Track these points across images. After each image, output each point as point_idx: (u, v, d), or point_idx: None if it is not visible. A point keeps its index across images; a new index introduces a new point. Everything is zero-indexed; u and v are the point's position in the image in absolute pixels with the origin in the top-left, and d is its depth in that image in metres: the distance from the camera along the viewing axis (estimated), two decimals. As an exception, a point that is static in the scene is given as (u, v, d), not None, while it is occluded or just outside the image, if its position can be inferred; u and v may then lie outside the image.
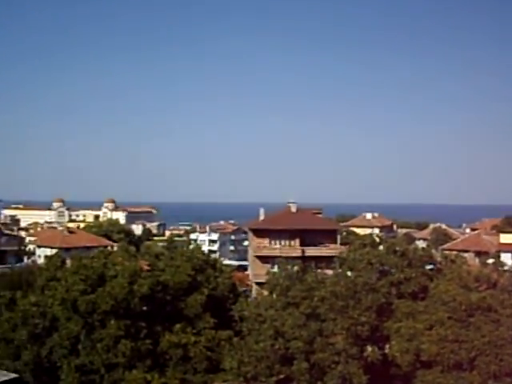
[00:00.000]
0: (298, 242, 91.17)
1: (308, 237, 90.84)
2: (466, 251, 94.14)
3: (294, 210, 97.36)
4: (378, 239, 54.54)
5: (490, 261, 55.05)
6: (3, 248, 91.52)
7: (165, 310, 50.83)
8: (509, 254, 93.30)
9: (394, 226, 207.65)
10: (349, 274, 47.61)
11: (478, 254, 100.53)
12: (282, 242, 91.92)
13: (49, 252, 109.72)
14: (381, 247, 51.68)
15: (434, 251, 55.67)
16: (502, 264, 50.72)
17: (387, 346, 44.68)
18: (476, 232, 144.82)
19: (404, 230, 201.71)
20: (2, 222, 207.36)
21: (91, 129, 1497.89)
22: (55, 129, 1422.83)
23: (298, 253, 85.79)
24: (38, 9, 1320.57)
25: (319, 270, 52.03)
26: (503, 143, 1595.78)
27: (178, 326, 49.32)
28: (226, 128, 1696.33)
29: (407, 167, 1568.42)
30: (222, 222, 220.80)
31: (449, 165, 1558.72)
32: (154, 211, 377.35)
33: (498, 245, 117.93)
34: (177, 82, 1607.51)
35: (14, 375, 33.26)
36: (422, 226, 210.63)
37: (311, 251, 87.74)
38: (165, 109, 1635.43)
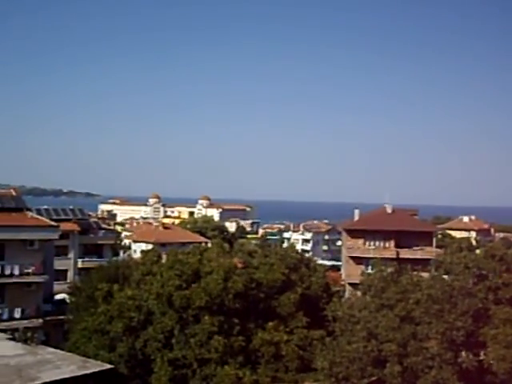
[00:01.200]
0: (392, 243, 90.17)
1: (403, 238, 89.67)
2: None
3: (389, 210, 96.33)
4: (475, 243, 53.44)
5: None
6: (100, 242, 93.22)
7: (258, 308, 51.04)
8: None
9: (492, 230, 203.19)
10: (445, 277, 46.81)
11: None
12: (377, 243, 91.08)
13: (144, 247, 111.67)
14: (478, 251, 50.69)
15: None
16: None
17: (483, 353, 43.73)
18: None
19: (502, 234, 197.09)
20: (99, 216, 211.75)
21: (190, 128, 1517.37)
22: (155, 128, 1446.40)
23: (392, 254, 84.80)
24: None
25: (414, 273, 51.31)
26: None
27: (270, 323, 49.46)
28: (320, 127, 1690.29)
29: (506, 167, 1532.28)
30: (315, 222, 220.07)
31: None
32: (248, 209, 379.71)
33: None
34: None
35: (108, 366, 34.09)
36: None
37: (406, 253, 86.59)
38: (261, 105, 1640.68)
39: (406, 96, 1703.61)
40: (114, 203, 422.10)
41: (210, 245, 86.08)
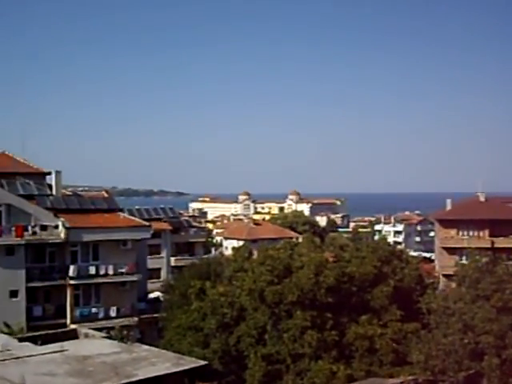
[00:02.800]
0: (487, 232, 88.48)
1: (498, 227, 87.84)
2: None
3: (482, 199, 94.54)
4: None
5: None
6: (192, 240, 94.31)
7: (350, 302, 50.61)
8: None
9: None
10: (543, 266, 45.52)
11: None
12: (470, 233, 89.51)
13: (235, 243, 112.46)
14: None
15: None
16: None
17: None
18: None
19: None
20: (190, 214, 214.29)
21: (276, 124, 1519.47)
22: (241, 125, 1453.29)
23: (487, 244, 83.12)
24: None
25: (510, 262, 50.03)
26: None
27: (363, 317, 48.97)
28: (404, 117, 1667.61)
29: None
30: (406, 213, 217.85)
31: None
32: (338, 202, 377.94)
33: None
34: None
35: (203, 362, 34.31)
36: None
37: (502, 242, 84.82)
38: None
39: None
40: (204, 201, 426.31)
41: (300, 240, 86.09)
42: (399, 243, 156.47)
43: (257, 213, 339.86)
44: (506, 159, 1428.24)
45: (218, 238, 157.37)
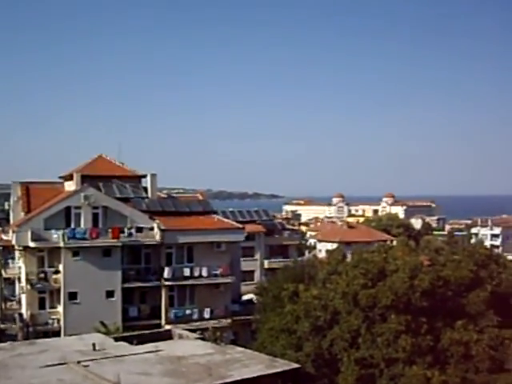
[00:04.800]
0: None
1: None
2: None
3: None
4: None
5: None
6: (286, 242, 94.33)
7: (446, 306, 49.83)
8: None
9: None
10: None
11: None
12: None
13: (329, 246, 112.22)
14: None
15: None
16: None
17: None
18: None
19: None
20: (283, 217, 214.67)
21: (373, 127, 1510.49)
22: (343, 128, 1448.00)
23: None
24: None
25: None
26: None
27: (459, 322, 48.14)
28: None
29: None
30: (504, 216, 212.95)
31: None
32: (433, 205, 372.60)
33: None
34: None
35: (296, 365, 34.27)
36: None
37: None
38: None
39: None
40: (297, 204, 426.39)
41: (394, 243, 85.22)
42: (496, 247, 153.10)
43: (351, 215, 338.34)
44: None
45: (312, 241, 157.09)
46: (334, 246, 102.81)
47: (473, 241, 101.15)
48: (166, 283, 64.43)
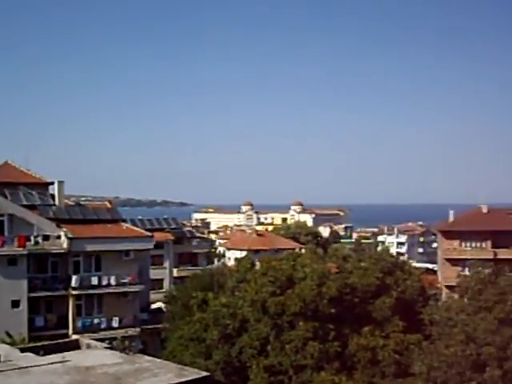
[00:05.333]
0: (489, 243, 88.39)
1: (500, 238, 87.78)
2: None
3: (484, 210, 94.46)
4: None
5: None
6: (195, 250, 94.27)
7: (353, 313, 50.64)
8: None
9: None
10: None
11: None
12: (473, 244, 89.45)
13: (238, 254, 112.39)
14: None
15: None
16: None
17: None
18: None
19: None
20: (193, 225, 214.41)
21: (279, 135, 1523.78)
22: (243, 136, 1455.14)
23: (489, 255, 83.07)
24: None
25: (513, 274, 50.12)
26: None
27: (366, 328, 49.00)
28: (407, 128, 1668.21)
29: None
30: (409, 224, 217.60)
31: None
32: (341, 213, 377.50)
33: None
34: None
35: (205, 373, 34.15)
36: None
37: (504, 253, 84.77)
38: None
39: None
40: (207, 212, 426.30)
41: (303, 250, 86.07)
42: (402, 254, 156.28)
43: (260, 223, 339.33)
44: (508, 170, 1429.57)
45: (221, 249, 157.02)
46: (243, 253, 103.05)
47: (379, 248, 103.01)
48: (74, 292, 63.36)
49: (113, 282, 64.90)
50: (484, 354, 41.10)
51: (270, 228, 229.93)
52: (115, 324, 64.68)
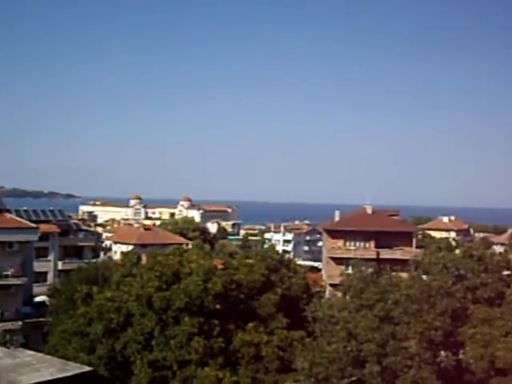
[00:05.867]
0: (372, 243, 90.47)
1: (383, 239, 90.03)
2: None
3: (369, 211, 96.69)
4: (454, 243, 54.09)
5: None
6: (80, 243, 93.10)
7: (238, 309, 51.09)
8: None
9: (471, 230, 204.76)
10: (424, 277, 47.06)
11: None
12: (357, 244, 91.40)
13: (125, 248, 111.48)
14: (457, 251, 51.10)
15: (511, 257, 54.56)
16: None
17: (461, 352, 44.09)
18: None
19: (481, 235, 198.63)
20: (79, 217, 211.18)
21: (171, 130, 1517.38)
22: (136, 129, 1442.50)
23: (372, 255, 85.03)
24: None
25: (394, 273, 51.55)
26: None
27: (250, 324, 49.51)
28: (302, 126, 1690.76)
29: (484, 169, 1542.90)
30: (296, 222, 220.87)
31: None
32: (230, 210, 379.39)
33: None
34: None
35: (88, 368, 34.07)
36: (500, 231, 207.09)
37: (386, 253, 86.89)
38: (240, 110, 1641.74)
39: (387, 92, 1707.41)
40: (94, 204, 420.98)
41: (190, 246, 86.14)
42: (288, 252, 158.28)
43: (148, 218, 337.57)
44: (393, 173, 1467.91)
45: (108, 243, 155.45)
46: (130, 248, 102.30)
47: (266, 246, 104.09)
48: (-47, 284, 61.75)
49: (-6, 274, 63.56)
50: (364, 351, 42.13)
51: (158, 223, 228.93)
52: (-4, 317, 63.40)
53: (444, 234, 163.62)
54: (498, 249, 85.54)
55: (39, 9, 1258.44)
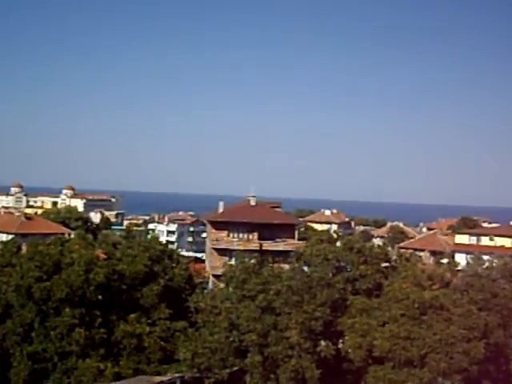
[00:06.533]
0: (256, 235, 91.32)
1: (266, 231, 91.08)
2: (422, 250, 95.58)
3: (253, 203, 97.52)
4: (335, 235, 55.16)
5: (445, 260, 55.95)
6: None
7: (120, 300, 50.73)
8: (463, 255, 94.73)
9: (352, 223, 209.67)
10: (305, 269, 47.93)
11: (434, 253, 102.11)
12: (240, 235, 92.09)
13: (4, 238, 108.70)
14: (338, 243, 52.23)
15: (390, 249, 56.16)
16: (456, 264, 51.77)
17: (341, 342, 45.19)
18: (432, 232, 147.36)
19: (362, 228, 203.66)
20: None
21: (55, 117, 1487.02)
22: (14, 110, 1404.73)
23: (255, 246, 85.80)
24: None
25: (276, 265, 52.27)
26: (462, 144, 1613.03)
27: (133, 315, 49.26)
28: (185, 117, 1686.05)
29: (368, 165, 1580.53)
30: (181, 213, 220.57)
31: (409, 164, 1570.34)
32: (114, 200, 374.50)
33: (453, 245, 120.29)
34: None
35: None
36: (379, 224, 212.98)
37: (269, 245, 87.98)
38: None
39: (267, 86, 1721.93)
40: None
41: (72, 236, 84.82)
42: (172, 243, 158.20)
43: (29, 206, 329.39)
44: (277, 165, 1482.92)
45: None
46: (10, 237, 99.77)
47: (149, 236, 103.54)
48: None
49: None
50: (246, 341, 42.62)
51: (40, 212, 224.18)
52: None
53: (326, 227, 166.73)
54: (378, 241, 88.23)
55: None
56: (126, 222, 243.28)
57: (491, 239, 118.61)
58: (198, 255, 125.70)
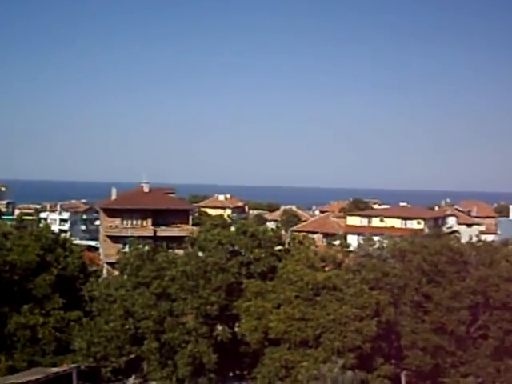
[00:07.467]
0: (150, 221, 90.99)
1: (160, 217, 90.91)
2: (315, 232, 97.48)
3: (146, 189, 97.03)
4: (229, 220, 55.62)
5: (337, 242, 57.28)
6: None
7: (12, 291, 49.80)
8: (355, 236, 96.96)
9: (246, 208, 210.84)
10: (200, 254, 48.20)
11: (326, 235, 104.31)
12: (134, 222, 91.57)
13: None
14: (232, 228, 52.73)
15: (283, 232, 57.11)
16: (348, 245, 53.15)
17: (237, 325, 45.77)
18: (324, 214, 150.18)
19: (256, 212, 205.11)
20: None
21: None
22: None
23: (149, 233, 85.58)
24: None
25: (170, 250, 52.40)
26: (356, 128, 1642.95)
27: (25, 306, 48.50)
28: (77, 103, 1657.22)
29: (262, 150, 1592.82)
30: (73, 201, 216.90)
31: (302, 148, 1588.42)
32: (3, 189, 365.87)
33: (345, 227, 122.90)
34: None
35: None
36: (273, 208, 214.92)
37: (163, 231, 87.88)
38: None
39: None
40: None
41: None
42: (64, 231, 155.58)
43: None
44: (171, 150, 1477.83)
45: None
46: None
47: (41, 225, 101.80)
48: None
49: None
50: (142, 328, 42.73)
51: None
52: None
53: (220, 212, 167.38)
54: (271, 225, 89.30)
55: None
56: (17, 212, 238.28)
57: (382, 220, 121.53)
58: (92, 243, 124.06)
